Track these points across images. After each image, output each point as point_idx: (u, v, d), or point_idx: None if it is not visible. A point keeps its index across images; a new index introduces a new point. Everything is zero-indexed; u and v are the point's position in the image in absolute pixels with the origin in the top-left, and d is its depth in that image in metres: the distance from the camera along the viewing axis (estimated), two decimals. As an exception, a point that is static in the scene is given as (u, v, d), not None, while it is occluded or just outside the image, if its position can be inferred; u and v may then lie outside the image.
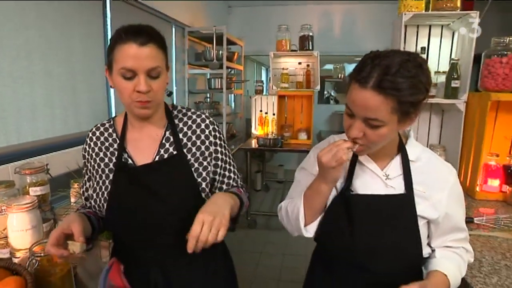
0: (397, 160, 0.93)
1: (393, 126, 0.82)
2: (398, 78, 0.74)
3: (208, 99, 4.07)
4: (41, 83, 1.73)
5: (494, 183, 1.78)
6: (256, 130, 4.15)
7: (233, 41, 4.02)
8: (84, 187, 1.07)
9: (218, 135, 1.05)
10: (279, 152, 4.28)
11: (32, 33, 1.66)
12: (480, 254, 1.19)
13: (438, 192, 0.91)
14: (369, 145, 0.85)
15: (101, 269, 1.27)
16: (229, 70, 3.93)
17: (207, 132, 1.02)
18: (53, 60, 1.80)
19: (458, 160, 1.99)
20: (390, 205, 0.91)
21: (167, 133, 1.00)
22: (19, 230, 1.12)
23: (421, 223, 0.91)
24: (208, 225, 0.81)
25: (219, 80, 3.62)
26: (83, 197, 1.09)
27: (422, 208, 0.90)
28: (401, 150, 0.93)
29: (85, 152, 1.04)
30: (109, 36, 2.30)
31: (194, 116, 1.03)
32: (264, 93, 4.37)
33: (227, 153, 1.08)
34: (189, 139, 1.00)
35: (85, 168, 1.05)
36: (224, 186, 1.08)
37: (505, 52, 1.69)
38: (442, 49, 2.15)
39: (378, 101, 0.76)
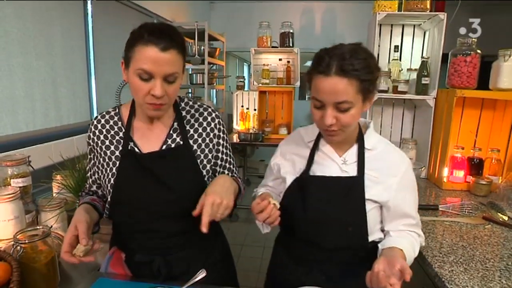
0: (354, 148, 1.02)
1: (360, 106, 0.90)
2: (354, 60, 0.85)
3: (190, 94, 4.09)
4: (20, 76, 1.72)
5: (460, 174, 1.91)
6: (238, 125, 4.20)
7: (215, 37, 4.04)
8: (92, 170, 1.10)
9: (222, 128, 1.09)
10: (260, 147, 4.34)
11: (11, 25, 1.65)
12: (441, 237, 1.30)
13: (390, 178, 0.98)
14: (343, 129, 0.92)
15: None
16: (211, 65, 3.95)
17: (212, 125, 1.06)
18: (32, 53, 1.79)
19: (428, 153, 2.11)
20: (341, 185, 0.99)
21: (175, 124, 1.03)
22: (1, 221, 1.14)
23: (373, 207, 0.98)
24: (217, 206, 0.88)
25: (200, 75, 3.65)
26: (90, 180, 1.12)
27: (374, 192, 0.97)
28: (359, 139, 1.02)
29: (89, 139, 1.06)
30: (91, 30, 2.29)
31: (201, 109, 1.07)
32: (245, 88, 4.42)
33: (228, 146, 1.13)
34: (196, 130, 1.04)
35: (91, 154, 1.08)
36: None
37: (469, 52, 1.81)
38: (414, 48, 2.27)
39: (344, 83, 0.85)
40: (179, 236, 1.03)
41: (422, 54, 2.21)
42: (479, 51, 1.81)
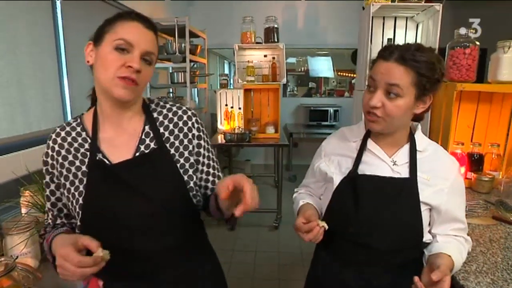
0: (405, 149, 0.99)
1: (410, 101, 0.89)
2: (417, 53, 0.87)
3: (171, 94, 3.90)
4: (-21, 77, 1.51)
5: (460, 170, 1.84)
6: (222, 125, 4.04)
7: (196, 34, 3.87)
8: (53, 197, 0.92)
9: (201, 127, 0.96)
10: (246, 147, 4.21)
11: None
12: (457, 242, 1.20)
13: (441, 181, 0.96)
14: (385, 118, 0.91)
15: (60, 287, 1.13)
16: (192, 63, 3.78)
17: (189, 124, 0.93)
18: (-8, 52, 1.59)
19: (424, 149, 2.04)
20: (394, 186, 0.96)
21: (147, 127, 0.91)
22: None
23: (424, 209, 0.95)
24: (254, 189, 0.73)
25: (182, 74, 3.47)
26: (52, 212, 0.93)
27: (426, 194, 0.95)
28: (410, 140, 1.00)
29: (47, 158, 0.89)
30: (60, 25, 2.08)
31: (174, 108, 0.95)
32: (229, 87, 4.27)
33: (210, 148, 0.99)
34: (171, 132, 0.92)
35: (48, 176, 0.90)
36: (210, 185, 0.99)
37: (468, 44, 1.73)
38: (407, 41, 2.19)
39: (400, 70, 0.87)
40: (164, 256, 0.89)
41: (415, 47, 2.14)
42: (478, 43, 1.74)
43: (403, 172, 0.97)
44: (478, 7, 3.67)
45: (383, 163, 0.99)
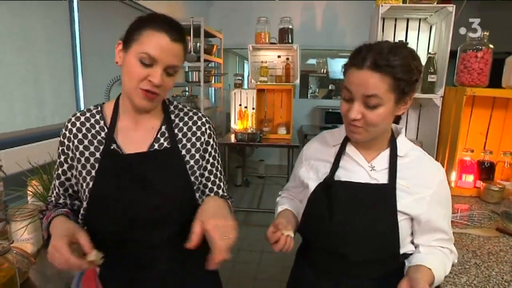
0: (385, 154, 0.94)
1: (390, 107, 0.84)
2: (390, 56, 0.81)
3: (187, 93, 3.96)
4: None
5: (469, 178, 1.78)
6: (236, 124, 4.07)
7: (212, 34, 3.91)
8: (63, 177, 0.96)
9: (212, 134, 1.01)
10: (259, 147, 4.22)
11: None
12: (452, 252, 1.17)
13: (423, 190, 0.90)
14: (367, 128, 0.86)
15: (58, 271, 1.18)
16: (208, 63, 3.82)
17: (203, 129, 0.98)
18: (9, 49, 1.67)
19: (434, 155, 1.98)
20: (370, 194, 0.91)
21: (163, 127, 0.95)
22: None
23: (403, 219, 0.90)
24: (224, 228, 0.78)
25: (196, 73, 3.52)
26: (57, 190, 0.97)
27: (405, 203, 0.89)
28: (391, 144, 0.94)
29: (64, 139, 0.93)
30: (77, 22, 2.17)
31: (190, 113, 1.00)
32: (244, 86, 4.29)
33: (217, 156, 1.03)
34: (184, 135, 0.97)
35: (63, 156, 0.95)
36: (207, 191, 1.02)
37: (480, 47, 1.67)
38: (420, 43, 2.13)
39: (376, 78, 0.81)
40: (161, 248, 0.92)
41: (428, 50, 2.08)
42: (491, 46, 1.67)
43: (381, 178, 0.92)
44: (499, 9, 3.51)
45: (361, 168, 0.94)
